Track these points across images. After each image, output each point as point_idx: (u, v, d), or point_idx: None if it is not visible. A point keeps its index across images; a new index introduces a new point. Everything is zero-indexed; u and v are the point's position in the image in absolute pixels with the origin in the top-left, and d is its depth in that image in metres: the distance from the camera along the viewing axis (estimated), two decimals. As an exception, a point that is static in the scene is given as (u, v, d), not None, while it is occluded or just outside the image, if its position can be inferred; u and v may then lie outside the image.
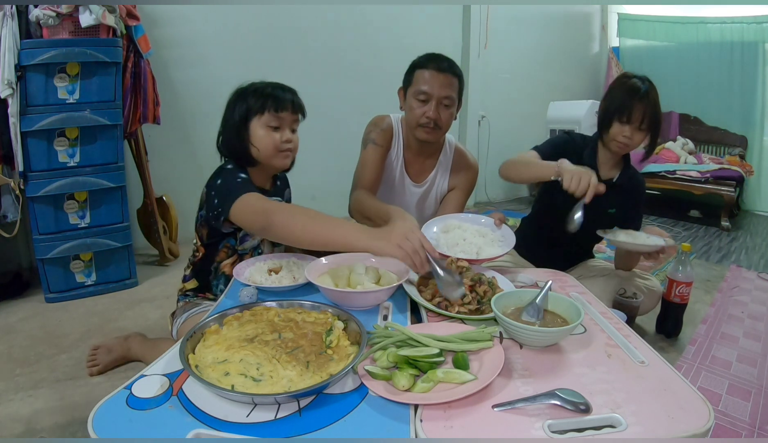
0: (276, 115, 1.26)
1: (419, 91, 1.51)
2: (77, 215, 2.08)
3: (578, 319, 0.90)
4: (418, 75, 1.53)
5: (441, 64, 1.51)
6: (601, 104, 1.66)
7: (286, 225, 1.05)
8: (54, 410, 1.36)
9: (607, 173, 1.68)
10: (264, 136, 1.26)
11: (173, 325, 1.38)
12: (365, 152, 1.63)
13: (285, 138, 1.28)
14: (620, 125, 1.56)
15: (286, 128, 1.29)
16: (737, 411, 1.44)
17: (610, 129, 1.59)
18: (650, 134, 1.58)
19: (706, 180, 3.82)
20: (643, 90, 1.54)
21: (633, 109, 1.53)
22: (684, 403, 0.75)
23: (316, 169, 3.34)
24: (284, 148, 1.28)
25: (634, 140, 1.57)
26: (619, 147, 1.60)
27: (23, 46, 1.87)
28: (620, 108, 1.55)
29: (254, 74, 1.48)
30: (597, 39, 5.33)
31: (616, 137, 1.58)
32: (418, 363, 0.80)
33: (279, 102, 1.25)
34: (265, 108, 1.25)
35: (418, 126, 1.54)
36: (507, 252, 1.29)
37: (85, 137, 2.04)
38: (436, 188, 1.72)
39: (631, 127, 1.55)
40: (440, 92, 1.50)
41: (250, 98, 1.26)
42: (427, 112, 1.51)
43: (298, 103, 1.30)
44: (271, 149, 1.27)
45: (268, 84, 1.29)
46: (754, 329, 1.98)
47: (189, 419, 0.69)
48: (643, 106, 1.53)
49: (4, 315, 1.93)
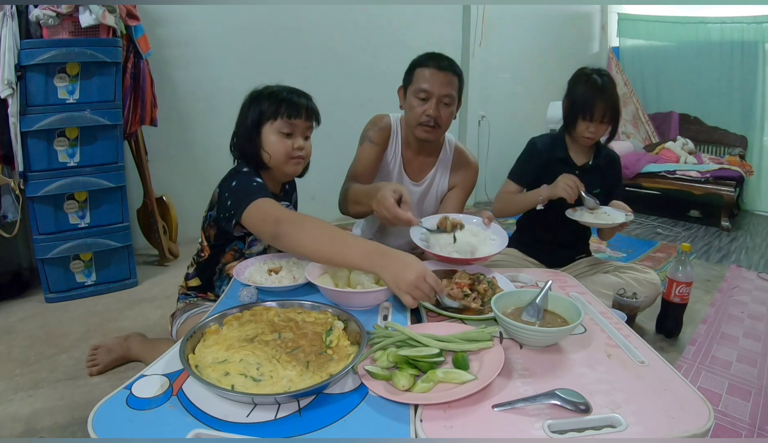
0: (289, 121, 1.24)
1: (419, 89, 1.50)
2: (77, 215, 2.08)
3: (578, 319, 0.90)
4: (418, 73, 1.53)
5: (441, 63, 1.51)
6: (564, 102, 1.75)
7: (295, 237, 1.04)
8: (54, 410, 1.36)
9: (581, 160, 1.80)
10: (276, 142, 1.25)
11: (173, 326, 1.38)
12: (360, 148, 1.64)
13: (297, 145, 1.26)
14: (584, 122, 1.67)
15: (299, 135, 1.27)
16: (737, 411, 1.44)
17: (576, 127, 1.70)
18: (611, 125, 1.70)
19: (706, 180, 3.82)
20: (602, 86, 1.64)
21: (595, 107, 1.63)
22: (684, 403, 0.75)
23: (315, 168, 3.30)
24: (295, 155, 1.27)
25: (599, 133, 1.70)
26: (586, 141, 1.72)
27: (23, 46, 1.87)
28: (583, 107, 1.65)
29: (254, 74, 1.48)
30: (597, 39, 5.33)
31: (583, 134, 1.69)
32: (418, 363, 0.80)
33: (293, 108, 1.24)
34: (279, 114, 1.23)
35: (418, 125, 1.54)
36: (500, 251, 1.30)
37: (85, 137, 2.04)
38: (435, 187, 1.72)
39: (595, 123, 1.65)
40: (440, 91, 1.50)
41: (264, 103, 1.25)
42: (428, 110, 1.50)
43: (313, 110, 1.29)
44: (283, 156, 1.26)
45: (283, 88, 1.27)
46: (754, 329, 1.98)
47: (189, 419, 0.69)
48: (603, 103, 1.63)
49: (4, 315, 1.93)
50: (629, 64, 5.12)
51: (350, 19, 3.32)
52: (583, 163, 1.79)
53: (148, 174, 2.45)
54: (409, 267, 0.92)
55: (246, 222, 1.13)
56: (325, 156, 3.27)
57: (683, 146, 4.42)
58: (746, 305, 2.24)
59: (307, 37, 3.15)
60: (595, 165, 1.79)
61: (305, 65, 3.15)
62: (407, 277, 0.91)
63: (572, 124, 1.71)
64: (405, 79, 1.60)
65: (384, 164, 1.67)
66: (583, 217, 1.66)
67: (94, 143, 2.07)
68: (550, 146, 1.80)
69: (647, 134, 4.91)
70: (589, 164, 1.78)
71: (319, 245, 1.02)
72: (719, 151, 4.63)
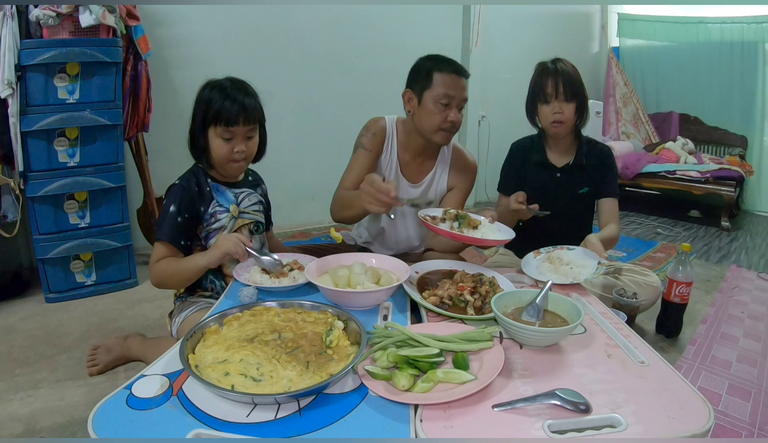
0: (227, 129, 1.28)
1: (443, 94, 1.47)
2: (77, 215, 2.08)
3: (578, 319, 0.90)
4: (438, 79, 1.48)
5: (458, 67, 1.50)
6: (526, 101, 1.75)
7: (156, 276, 1.30)
8: (54, 410, 1.36)
9: (560, 160, 1.75)
10: (217, 147, 1.30)
11: (172, 325, 1.38)
12: (353, 156, 1.62)
13: (237, 150, 1.30)
14: (543, 105, 1.65)
15: (240, 139, 1.30)
16: (737, 411, 1.43)
17: (540, 115, 1.68)
18: (576, 101, 1.63)
19: (706, 180, 3.82)
20: (551, 67, 1.65)
21: (546, 85, 1.63)
22: (684, 403, 0.75)
23: (315, 168, 3.35)
24: (235, 158, 1.31)
25: (566, 113, 1.62)
26: (556, 126, 1.65)
27: (23, 46, 1.86)
28: (535, 90, 1.66)
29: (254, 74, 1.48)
30: (597, 39, 5.33)
31: (547, 118, 1.65)
32: (418, 363, 0.80)
33: (230, 115, 1.26)
34: (217, 121, 1.27)
35: (439, 130, 1.52)
36: (509, 239, 1.33)
37: (85, 137, 2.04)
38: (434, 188, 1.72)
39: (554, 101, 1.62)
40: (461, 95, 1.49)
41: (205, 107, 1.29)
42: (450, 116, 1.49)
43: (251, 114, 1.30)
44: (224, 159, 1.31)
45: (223, 91, 1.28)
46: (754, 329, 1.98)
47: (189, 419, 0.69)
48: (553, 79, 1.62)
49: (4, 315, 1.93)
50: (629, 64, 5.12)
51: (350, 19, 3.32)
52: (564, 164, 1.73)
53: (148, 174, 2.45)
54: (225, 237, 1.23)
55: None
56: (325, 156, 3.29)
57: (683, 146, 4.42)
58: (746, 305, 2.24)
59: (307, 37, 3.14)
60: (576, 164, 1.72)
61: (305, 65, 3.16)
62: (222, 241, 1.23)
63: (535, 114, 1.69)
64: (418, 83, 1.52)
65: (379, 168, 1.65)
66: (541, 273, 1.34)
67: (94, 143, 2.07)
68: (528, 149, 1.77)
69: (647, 133, 4.92)
70: (569, 164, 1.72)
71: (174, 270, 1.28)
72: (719, 151, 4.63)
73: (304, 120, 3.21)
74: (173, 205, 1.30)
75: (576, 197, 1.74)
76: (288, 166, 3.15)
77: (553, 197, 1.70)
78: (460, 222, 1.31)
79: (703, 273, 2.65)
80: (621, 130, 4.93)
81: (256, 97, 1.34)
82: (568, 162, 1.73)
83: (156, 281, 1.31)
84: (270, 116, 1.43)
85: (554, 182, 1.74)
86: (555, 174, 1.73)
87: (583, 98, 1.65)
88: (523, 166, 1.77)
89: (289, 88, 3.08)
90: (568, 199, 1.74)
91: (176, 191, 1.32)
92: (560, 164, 1.74)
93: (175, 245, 1.29)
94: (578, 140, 1.75)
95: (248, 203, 1.43)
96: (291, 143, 3.13)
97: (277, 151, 1.66)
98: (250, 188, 1.46)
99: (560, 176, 1.73)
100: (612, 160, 1.78)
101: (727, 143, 4.58)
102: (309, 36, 3.15)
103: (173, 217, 1.29)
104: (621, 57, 5.18)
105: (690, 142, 4.50)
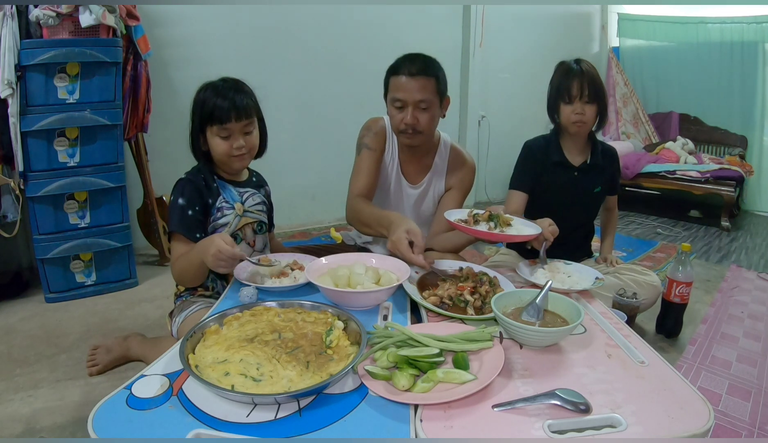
0: (223, 127, 1.29)
1: (394, 98, 1.49)
2: (77, 215, 2.08)
3: (578, 319, 0.90)
4: (392, 82, 1.51)
5: (412, 68, 1.46)
6: (547, 99, 1.76)
7: (175, 274, 1.32)
8: (54, 410, 1.36)
9: (577, 159, 1.77)
10: (217, 145, 1.32)
11: (172, 324, 1.38)
12: (359, 157, 1.61)
13: (235, 146, 1.32)
14: (566, 105, 1.67)
15: (237, 135, 1.32)
16: (737, 411, 1.44)
17: (561, 114, 1.70)
18: (597, 104, 1.66)
19: (706, 180, 3.82)
20: (575, 67, 1.66)
21: (571, 86, 1.64)
22: (684, 403, 0.75)
23: (315, 168, 3.35)
24: (236, 153, 1.33)
25: (587, 114, 1.65)
26: (577, 126, 1.68)
27: (23, 46, 1.87)
28: (559, 90, 1.67)
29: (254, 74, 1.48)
30: (597, 39, 5.32)
31: (569, 118, 1.67)
32: (418, 363, 0.80)
33: (224, 114, 1.28)
34: (213, 121, 1.29)
35: (399, 132, 1.54)
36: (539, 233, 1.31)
37: (85, 137, 2.04)
38: (433, 189, 1.71)
39: (577, 103, 1.64)
40: (414, 97, 1.46)
41: (200, 109, 1.31)
42: (405, 118, 1.48)
43: (243, 110, 1.31)
44: (225, 156, 1.33)
45: (215, 91, 1.30)
46: (754, 329, 1.98)
47: (189, 419, 0.69)
48: (579, 81, 1.63)
49: (4, 315, 1.93)
50: (629, 64, 5.11)
51: (350, 19, 3.32)
52: (580, 163, 1.77)
53: (148, 174, 2.45)
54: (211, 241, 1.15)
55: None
56: (325, 156, 3.29)
57: (683, 146, 4.42)
58: (746, 305, 2.24)
59: (307, 37, 3.14)
60: (593, 163, 1.76)
61: (305, 66, 3.15)
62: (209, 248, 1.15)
63: (557, 113, 1.71)
64: (384, 86, 1.57)
65: (382, 168, 1.65)
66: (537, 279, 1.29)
67: (94, 143, 2.07)
68: (545, 149, 1.77)
69: (647, 133, 4.91)
70: (586, 163, 1.76)
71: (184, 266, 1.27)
72: (719, 151, 4.63)
73: (304, 120, 3.21)
74: (181, 197, 1.32)
75: (591, 195, 1.80)
76: (288, 166, 3.14)
77: (571, 196, 1.75)
78: (495, 222, 1.30)
79: (703, 273, 2.65)
80: (621, 130, 4.92)
81: (251, 94, 1.35)
82: (584, 161, 1.77)
83: (177, 279, 1.35)
84: (270, 116, 1.44)
85: (573, 181, 1.76)
86: (573, 173, 1.75)
87: (604, 101, 1.68)
88: (541, 165, 1.76)
89: (289, 88, 3.08)
90: (585, 197, 1.79)
91: (183, 184, 1.34)
92: (577, 164, 1.77)
93: (189, 237, 1.30)
94: (591, 140, 1.78)
95: (252, 202, 1.44)
96: (291, 144, 3.13)
97: (277, 151, 1.66)
98: (254, 189, 1.47)
99: (578, 175, 1.75)
100: (618, 160, 1.87)
101: (727, 143, 4.58)
102: (309, 36, 3.15)
103: (183, 208, 1.31)
104: (621, 57, 5.18)
105: (690, 142, 4.50)
